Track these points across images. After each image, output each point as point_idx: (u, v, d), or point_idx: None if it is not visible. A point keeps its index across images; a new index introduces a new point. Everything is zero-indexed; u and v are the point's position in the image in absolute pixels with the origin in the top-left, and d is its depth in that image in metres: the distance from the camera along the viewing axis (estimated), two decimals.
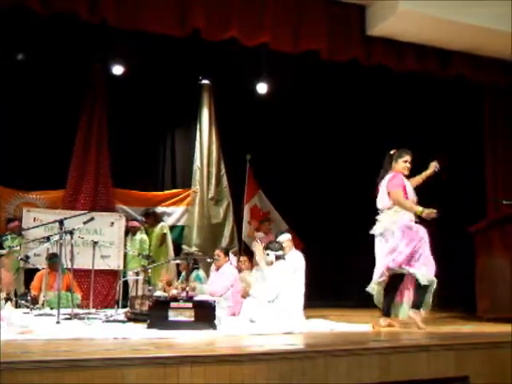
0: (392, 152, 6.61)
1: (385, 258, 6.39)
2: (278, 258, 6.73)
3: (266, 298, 6.51)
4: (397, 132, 9.83)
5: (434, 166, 6.79)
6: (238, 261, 8.82)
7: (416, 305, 6.27)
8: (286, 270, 6.67)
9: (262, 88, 10.68)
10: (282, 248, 6.89)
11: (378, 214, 6.56)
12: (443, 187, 8.97)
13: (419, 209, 6.20)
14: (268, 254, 6.76)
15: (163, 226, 10.41)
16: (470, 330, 6.20)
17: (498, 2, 7.64)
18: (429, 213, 6.12)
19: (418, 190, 6.62)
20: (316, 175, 11.32)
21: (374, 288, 6.54)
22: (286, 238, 7.58)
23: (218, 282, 8.01)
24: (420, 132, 9.74)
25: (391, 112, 10.48)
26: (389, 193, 6.41)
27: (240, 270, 8.51)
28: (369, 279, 6.57)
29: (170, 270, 9.94)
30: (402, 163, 6.50)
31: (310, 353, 4.29)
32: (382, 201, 6.52)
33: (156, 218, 10.43)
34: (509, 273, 7.21)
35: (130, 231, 10.10)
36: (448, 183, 9.20)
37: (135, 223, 10.10)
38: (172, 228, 10.87)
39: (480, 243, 7.69)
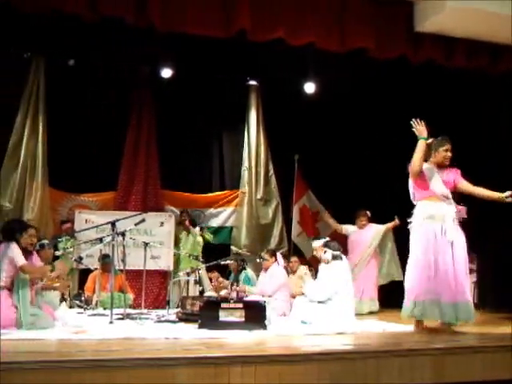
0: (429, 141, 5.98)
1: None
2: (335, 257, 6.73)
3: (317, 298, 6.50)
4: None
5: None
6: (289, 261, 8.85)
7: None
8: (343, 270, 6.67)
9: (309, 88, 10.61)
10: (340, 248, 6.88)
11: None
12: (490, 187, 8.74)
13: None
14: (325, 252, 6.77)
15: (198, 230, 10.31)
16: None
17: None
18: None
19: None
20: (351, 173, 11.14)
21: None
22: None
23: (267, 282, 8.01)
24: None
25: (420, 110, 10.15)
26: None
27: (293, 271, 8.58)
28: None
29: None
30: (443, 152, 5.92)
31: (361, 353, 4.26)
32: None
33: (190, 221, 10.36)
34: None
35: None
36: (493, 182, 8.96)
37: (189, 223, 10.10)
38: (220, 229, 10.92)
39: None
